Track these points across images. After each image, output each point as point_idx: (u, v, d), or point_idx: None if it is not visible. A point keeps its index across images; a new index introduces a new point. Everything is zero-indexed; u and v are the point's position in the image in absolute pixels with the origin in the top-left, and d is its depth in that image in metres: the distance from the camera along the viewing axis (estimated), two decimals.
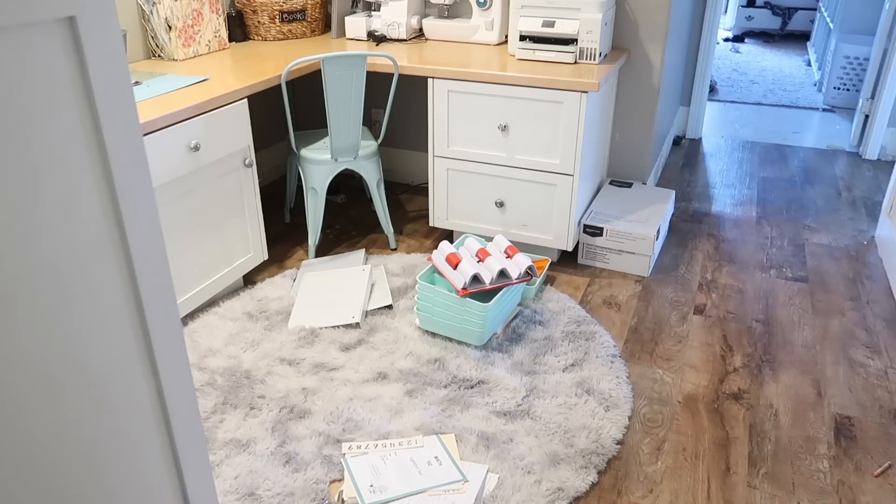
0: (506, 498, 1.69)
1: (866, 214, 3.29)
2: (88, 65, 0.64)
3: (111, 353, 0.73)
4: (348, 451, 1.82)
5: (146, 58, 2.65)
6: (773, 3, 7.13)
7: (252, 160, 2.41)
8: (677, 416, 2.00)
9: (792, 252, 2.94)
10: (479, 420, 1.94)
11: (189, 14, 2.60)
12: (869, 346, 2.31)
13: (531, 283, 2.49)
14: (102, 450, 0.74)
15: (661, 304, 2.56)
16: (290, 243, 2.96)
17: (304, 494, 1.69)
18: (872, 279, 2.73)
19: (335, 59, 2.43)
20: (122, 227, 0.71)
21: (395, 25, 2.94)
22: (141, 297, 0.74)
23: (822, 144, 4.26)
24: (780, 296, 2.61)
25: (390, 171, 3.55)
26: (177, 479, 0.86)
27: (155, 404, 0.80)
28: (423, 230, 3.08)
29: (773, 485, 1.77)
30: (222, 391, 2.04)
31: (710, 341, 2.34)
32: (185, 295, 2.28)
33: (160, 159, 2.03)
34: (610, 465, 1.82)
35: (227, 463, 1.79)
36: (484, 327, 2.17)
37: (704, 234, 3.10)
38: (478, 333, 2.19)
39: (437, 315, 2.24)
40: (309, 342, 2.26)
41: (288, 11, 2.98)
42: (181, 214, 2.20)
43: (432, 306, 2.24)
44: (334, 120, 2.54)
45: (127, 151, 0.70)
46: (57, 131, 0.63)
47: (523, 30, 2.68)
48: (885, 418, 1.99)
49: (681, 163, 3.96)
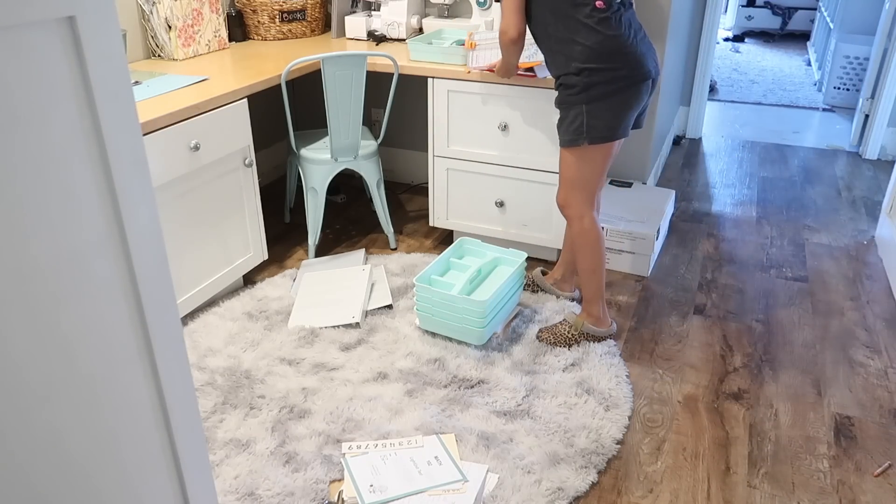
0: (506, 498, 1.69)
1: (866, 214, 3.29)
2: (88, 65, 0.64)
3: (111, 353, 0.73)
4: (348, 451, 1.82)
5: (146, 58, 2.65)
6: (773, 3, 7.13)
7: (252, 160, 2.41)
8: (677, 415, 2.00)
9: (792, 252, 2.94)
10: (479, 420, 1.94)
11: (189, 14, 2.60)
12: (869, 346, 2.31)
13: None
14: (103, 450, 0.74)
15: (661, 304, 2.56)
16: (290, 243, 2.96)
17: (304, 494, 1.69)
18: (872, 279, 2.73)
19: (335, 58, 2.42)
20: (122, 227, 0.71)
21: (395, 25, 2.94)
22: (141, 297, 0.74)
23: (822, 144, 4.26)
24: (780, 296, 2.61)
25: (390, 171, 3.55)
26: (177, 479, 0.86)
27: (155, 404, 0.80)
28: (423, 230, 3.08)
29: (773, 485, 1.77)
30: (222, 391, 2.04)
31: (709, 341, 2.34)
32: (185, 295, 2.28)
33: (160, 159, 2.03)
34: (610, 465, 1.82)
35: (227, 463, 1.79)
36: (484, 326, 2.17)
37: (704, 233, 3.10)
38: (478, 332, 2.18)
39: (436, 315, 2.24)
40: (309, 342, 2.26)
41: (288, 11, 2.98)
42: (181, 214, 2.20)
43: (431, 306, 2.23)
44: (334, 120, 2.54)
45: (127, 151, 0.69)
46: (57, 131, 0.63)
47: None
48: (885, 418, 1.99)
49: (681, 163, 3.96)
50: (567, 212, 2.17)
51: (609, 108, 1.99)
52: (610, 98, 1.97)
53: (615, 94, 1.97)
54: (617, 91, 1.96)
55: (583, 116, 1.99)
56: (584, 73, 1.94)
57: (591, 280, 2.23)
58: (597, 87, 1.95)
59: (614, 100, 1.98)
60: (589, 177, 2.11)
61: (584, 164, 2.08)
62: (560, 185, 2.15)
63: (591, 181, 2.12)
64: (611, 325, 2.30)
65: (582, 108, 1.98)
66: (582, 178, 2.10)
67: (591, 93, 1.96)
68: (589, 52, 1.93)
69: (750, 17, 7.23)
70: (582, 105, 1.98)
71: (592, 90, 1.96)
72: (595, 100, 1.97)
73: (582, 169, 2.08)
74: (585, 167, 2.08)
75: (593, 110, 1.98)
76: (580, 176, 2.10)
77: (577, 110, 1.99)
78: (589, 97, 1.97)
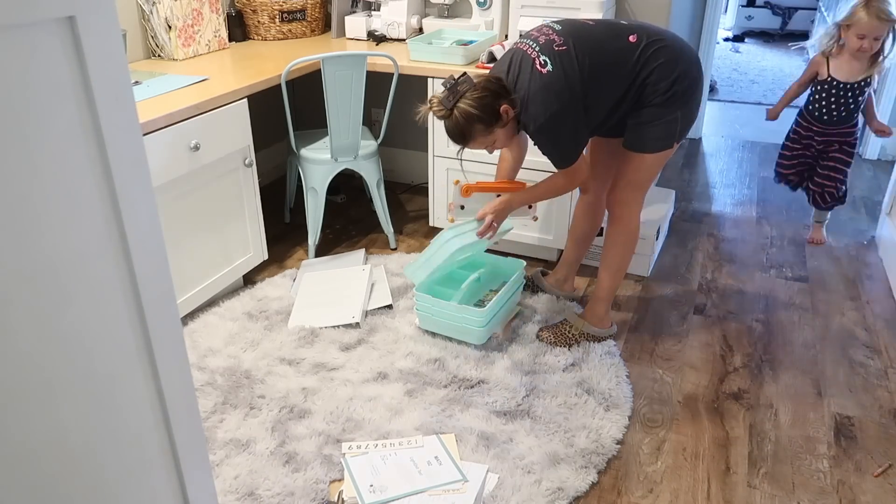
0: (506, 498, 1.69)
1: (866, 214, 3.29)
2: (88, 65, 0.64)
3: (111, 353, 0.73)
4: (348, 451, 1.82)
5: (146, 58, 2.65)
6: (773, 3, 7.13)
7: (252, 160, 2.41)
8: (677, 415, 2.00)
9: (792, 252, 2.94)
10: (479, 420, 1.94)
11: (189, 14, 2.60)
12: (869, 346, 2.31)
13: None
14: (103, 450, 0.74)
15: (661, 303, 2.55)
16: (290, 243, 2.96)
17: (304, 494, 1.69)
18: (872, 279, 2.73)
19: (335, 58, 2.42)
20: (122, 227, 0.71)
21: (395, 25, 2.94)
22: (141, 297, 0.74)
23: None
24: (780, 296, 2.61)
25: (390, 171, 3.55)
26: (177, 479, 0.86)
27: (155, 404, 0.80)
28: (423, 230, 3.08)
29: (773, 485, 1.77)
30: (222, 391, 2.04)
31: (709, 341, 2.34)
32: (185, 295, 2.28)
33: (160, 159, 2.03)
34: (610, 465, 1.82)
35: (227, 463, 1.79)
36: (484, 326, 2.17)
37: (704, 233, 3.10)
38: (478, 332, 2.18)
39: (436, 314, 2.23)
40: (309, 342, 2.26)
41: (288, 11, 2.98)
42: (181, 214, 2.20)
43: (431, 306, 2.23)
44: (334, 120, 2.53)
45: (127, 151, 0.69)
46: (57, 131, 0.63)
47: (523, 30, 2.68)
48: (885, 418, 1.99)
49: (681, 163, 3.96)
50: (621, 210, 2.15)
51: (695, 106, 2.02)
52: (694, 96, 1.99)
53: (695, 90, 1.99)
54: (695, 88, 1.98)
55: (678, 122, 1.99)
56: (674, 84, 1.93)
57: (614, 279, 2.23)
58: (685, 92, 1.96)
59: (696, 96, 2.00)
60: (654, 178, 2.15)
61: (656, 166, 2.09)
62: (621, 186, 2.12)
63: (652, 183, 2.17)
64: (611, 326, 2.30)
65: (677, 114, 1.98)
66: (650, 179, 2.12)
67: (683, 98, 1.96)
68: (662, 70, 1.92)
69: (750, 17, 7.23)
70: (677, 111, 1.98)
71: (683, 96, 1.96)
72: (687, 102, 1.98)
73: (652, 170, 2.09)
74: (655, 168, 2.10)
75: (687, 113, 2.00)
76: (649, 177, 2.11)
77: (673, 116, 1.98)
78: (684, 101, 1.97)
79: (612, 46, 1.91)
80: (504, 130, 1.97)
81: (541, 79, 1.88)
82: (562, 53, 1.89)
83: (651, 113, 1.97)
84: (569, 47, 1.89)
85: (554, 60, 1.88)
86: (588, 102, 1.93)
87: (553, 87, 1.88)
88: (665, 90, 1.93)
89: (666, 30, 2.02)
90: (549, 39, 1.92)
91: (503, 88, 1.93)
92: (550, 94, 1.88)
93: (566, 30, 1.94)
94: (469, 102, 1.88)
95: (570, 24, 1.98)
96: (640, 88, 1.94)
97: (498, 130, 1.96)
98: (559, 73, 1.88)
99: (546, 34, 1.94)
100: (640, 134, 2.01)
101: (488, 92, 1.90)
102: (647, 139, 2.01)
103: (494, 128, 1.94)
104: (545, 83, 1.88)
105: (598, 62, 1.90)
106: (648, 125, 1.98)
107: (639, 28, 1.97)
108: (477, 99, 1.88)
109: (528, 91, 1.90)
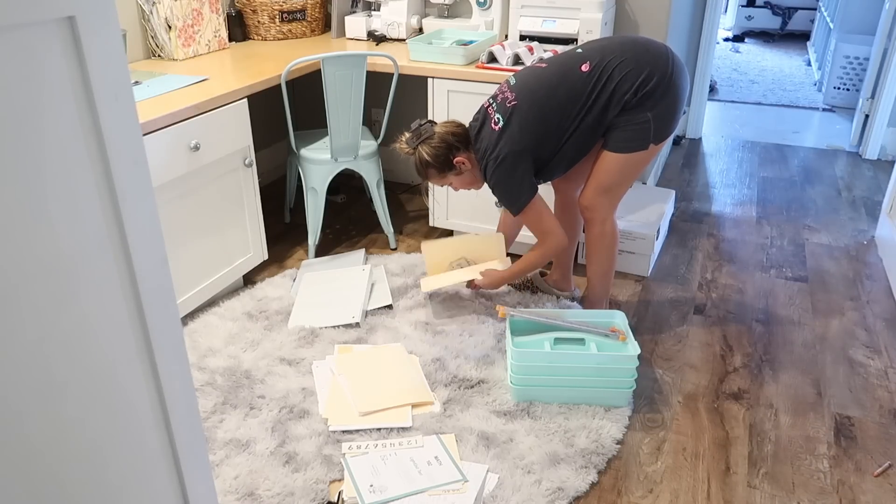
0: (506, 498, 1.69)
1: (866, 214, 3.29)
2: (88, 65, 0.64)
3: (111, 353, 0.73)
4: (348, 451, 1.82)
5: (146, 58, 2.65)
6: (773, 3, 7.13)
7: (252, 160, 2.41)
8: (677, 416, 2.00)
9: (792, 252, 2.94)
10: (479, 420, 1.94)
11: (189, 14, 2.60)
12: (869, 346, 2.31)
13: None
14: (103, 450, 0.74)
15: (661, 303, 2.56)
16: (290, 243, 2.96)
17: (303, 494, 1.69)
18: (872, 279, 2.73)
19: (335, 58, 2.42)
20: (122, 227, 0.71)
21: (394, 25, 2.94)
22: (141, 297, 0.74)
23: (821, 144, 4.26)
24: (780, 296, 2.61)
25: (390, 171, 3.55)
26: (177, 479, 0.86)
27: (155, 404, 0.80)
28: (423, 230, 3.08)
29: (773, 485, 1.77)
30: (222, 391, 2.04)
31: (709, 341, 2.34)
32: (185, 295, 2.28)
33: (160, 159, 2.03)
34: (610, 465, 1.82)
35: (227, 463, 1.79)
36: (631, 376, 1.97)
37: (704, 233, 3.10)
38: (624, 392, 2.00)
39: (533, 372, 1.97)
40: (309, 342, 2.26)
41: (288, 11, 2.98)
42: (181, 214, 2.20)
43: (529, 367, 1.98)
44: (334, 120, 2.54)
45: (127, 151, 0.69)
46: (57, 131, 0.63)
47: (523, 29, 2.68)
48: (885, 418, 1.99)
49: (681, 163, 3.96)
50: (591, 214, 2.16)
51: (672, 103, 2.00)
52: (666, 95, 1.98)
53: (666, 89, 1.98)
54: (666, 86, 1.97)
55: (649, 123, 1.99)
56: (637, 90, 1.95)
57: (603, 282, 2.29)
58: (652, 94, 1.96)
59: (670, 94, 1.99)
60: (627, 182, 2.13)
61: (630, 169, 2.08)
62: (590, 188, 2.13)
63: (626, 186, 2.15)
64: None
65: (648, 115, 1.98)
66: (622, 182, 2.11)
67: (652, 100, 1.97)
68: (621, 84, 1.95)
69: (750, 17, 7.23)
70: (647, 113, 1.98)
71: (651, 98, 1.96)
72: (657, 103, 1.98)
73: (625, 174, 2.09)
74: (629, 172, 2.09)
75: (660, 113, 1.99)
76: (621, 181, 2.11)
77: (643, 118, 1.99)
78: (653, 103, 1.97)
79: (564, 85, 2.00)
80: (459, 178, 2.17)
81: (492, 135, 2.07)
82: (513, 108, 2.04)
83: (621, 118, 2.01)
84: (520, 101, 2.03)
85: (506, 116, 2.05)
86: (542, 144, 2.05)
87: (502, 141, 2.05)
88: (630, 99, 1.96)
89: (627, 38, 2.04)
90: (504, 97, 2.07)
91: (464, 140, 2.13)
92: (501, 148, 2.05)
93: (520, 83, 2.07)
94: (426, 150, 2.11)
95: (524, 75, 2.09)
96: (604, 106, 1.99)
97: (451, 176, 2.17)
98: (510, 128, 2.04)
99: (503, 91, 2.09)
100: (610, 136, 2.06)
101: (445, 144, 2.11)
102: (615, 140, 2.04)
103: (448, 175, 2.16)
104: (496, 138, 2.06)
105: (548, 106, 2.01)
106: (617, 129, 2.03)
107: (593, 52, 2.01)
108: (433, 148, 2.11)
109: (483, 146, 2.09)
